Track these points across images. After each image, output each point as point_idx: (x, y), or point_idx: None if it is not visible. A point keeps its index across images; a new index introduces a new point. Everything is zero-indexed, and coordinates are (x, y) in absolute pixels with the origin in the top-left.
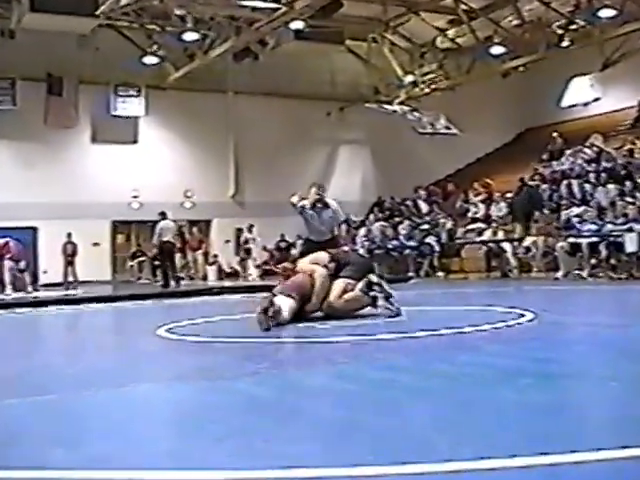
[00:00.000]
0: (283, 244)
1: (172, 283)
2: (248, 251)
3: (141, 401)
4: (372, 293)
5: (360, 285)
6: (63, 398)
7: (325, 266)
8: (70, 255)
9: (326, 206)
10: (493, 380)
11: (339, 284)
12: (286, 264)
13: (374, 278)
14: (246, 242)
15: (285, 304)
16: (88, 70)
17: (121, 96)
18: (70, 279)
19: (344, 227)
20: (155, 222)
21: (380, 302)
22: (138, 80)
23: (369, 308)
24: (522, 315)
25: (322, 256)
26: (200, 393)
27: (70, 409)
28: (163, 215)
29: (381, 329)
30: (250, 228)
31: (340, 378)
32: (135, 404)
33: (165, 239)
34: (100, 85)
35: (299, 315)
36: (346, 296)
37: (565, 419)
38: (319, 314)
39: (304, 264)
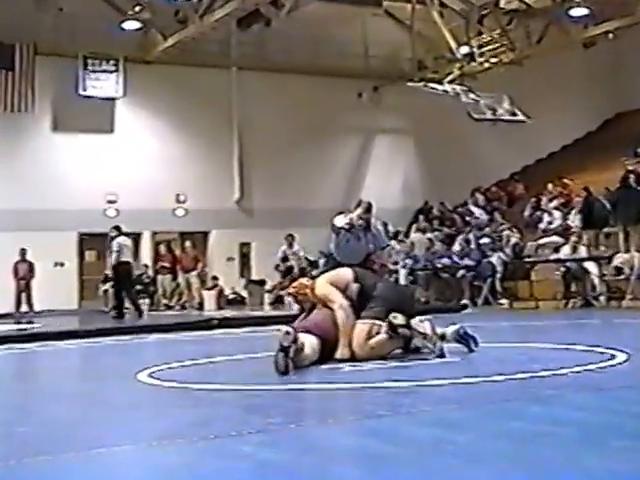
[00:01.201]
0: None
1: (128, 313)
2: (289, 271)
3: (118, 468)
4: (402, 333)
5: (385, 327)
6: (11, 466)
7: (344, 290)
8: (24, 278)
9: (367, 228)
10: (576, 441)
11: (362, 327)
12: (303, 280)
13: (398, 319)
14: (285, 259)
15: (308, 342)
16: (49, 37)
17: (93, 71)
18: (24, 309)
19: (386, 252)
20: (137, 234)
21: (416, 342)
22: (115, 51)
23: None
24: (612, 356)
25: (344, 273)
26: (194, 457)
27: (22, 479)
28: (119, 230)
29: (428, 373)
30: (290, 240)
31: (375, 437)
32: (110, 472)
33: (124, 259)
34: (65, 57)
35: (321, 358)
36: (372, 342)
37: None
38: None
39: (321, 285)
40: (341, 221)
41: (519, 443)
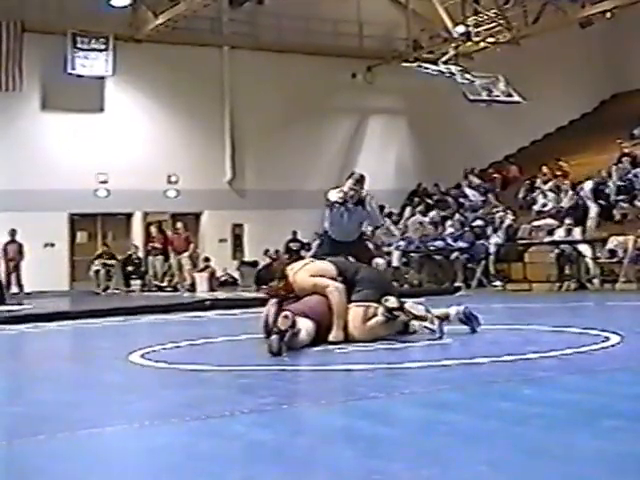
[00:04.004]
0: (295, 245)
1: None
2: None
3: (110, 448)
4: (400, 318)
5: (381, 309)
6: (3, 446)
7: (333, 279)
8: (13, 259)
9: (361, 203)
10: (568, 422)
11: (357, 310)
12: (274, 284)
13: (391, 302)
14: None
15: (304, 326)
16: (37, 14)
17: (82, 50)
18: (14, 290)
19: (381, 232)
20: (128, 215)
21: (415, 324)
22: (105, 29)
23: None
24: (605, 338)
25: (327, 267)
26: (186, 437)
27: (13, 460)
28: None
29: (421, 355)
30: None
31: (368, 417)
32: (102, 452)
33: None
34: (53, 35)
35: (315, 340)
36: (370, 324)
37: None
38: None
39: (304, 279)
40: (335, 195)
41: (511, 424)
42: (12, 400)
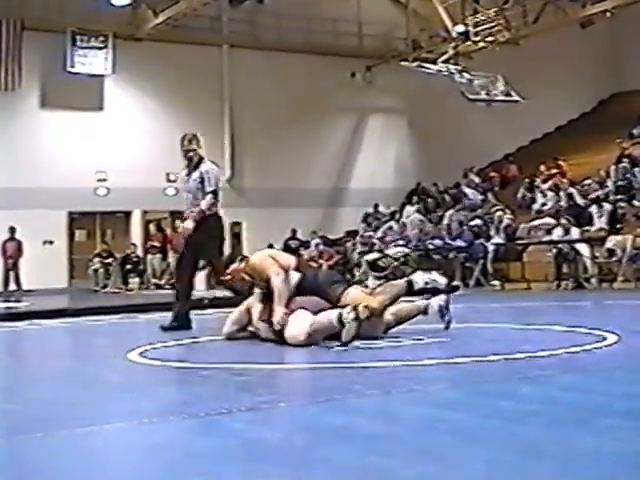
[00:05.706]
0: (293, 243)
1: None
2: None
3: (108, 446)
4: (400, 282)
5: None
6: (2, 444)
7: (286, 271)
8: (12, 257)
9: (197, 166)
10: (566, 421)
11: (357, 292)
12: (234, 265)
13: (421, 279)
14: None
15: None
16: (36, 12)
17: (81, 48)
18: (12, 287)
19: (209, 199)
20: (127, 213)
21: (434, 303)
22: (104, 27)
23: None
24: (603, 338)
25: (287, 256)
26: (184, 435)
27: (11, 458)
28: None
29: (419, 352)
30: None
31: (366, 415)
32: (100, 450)
33: None
34: (53, 33)
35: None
36: (392, 309)
37: None
38: None
39: (261, 256)
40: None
41: (509, 422)
42: (9, 398)
